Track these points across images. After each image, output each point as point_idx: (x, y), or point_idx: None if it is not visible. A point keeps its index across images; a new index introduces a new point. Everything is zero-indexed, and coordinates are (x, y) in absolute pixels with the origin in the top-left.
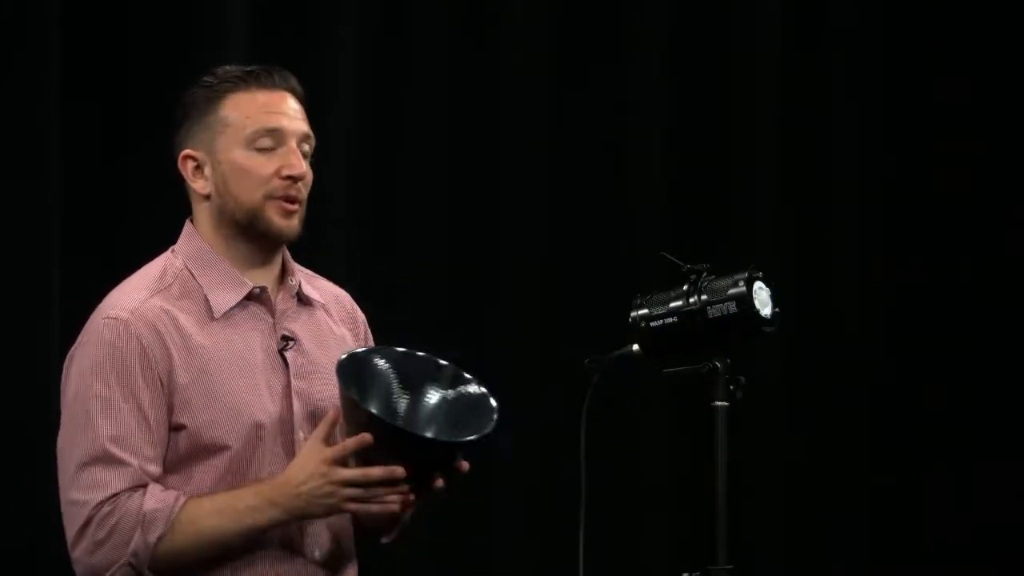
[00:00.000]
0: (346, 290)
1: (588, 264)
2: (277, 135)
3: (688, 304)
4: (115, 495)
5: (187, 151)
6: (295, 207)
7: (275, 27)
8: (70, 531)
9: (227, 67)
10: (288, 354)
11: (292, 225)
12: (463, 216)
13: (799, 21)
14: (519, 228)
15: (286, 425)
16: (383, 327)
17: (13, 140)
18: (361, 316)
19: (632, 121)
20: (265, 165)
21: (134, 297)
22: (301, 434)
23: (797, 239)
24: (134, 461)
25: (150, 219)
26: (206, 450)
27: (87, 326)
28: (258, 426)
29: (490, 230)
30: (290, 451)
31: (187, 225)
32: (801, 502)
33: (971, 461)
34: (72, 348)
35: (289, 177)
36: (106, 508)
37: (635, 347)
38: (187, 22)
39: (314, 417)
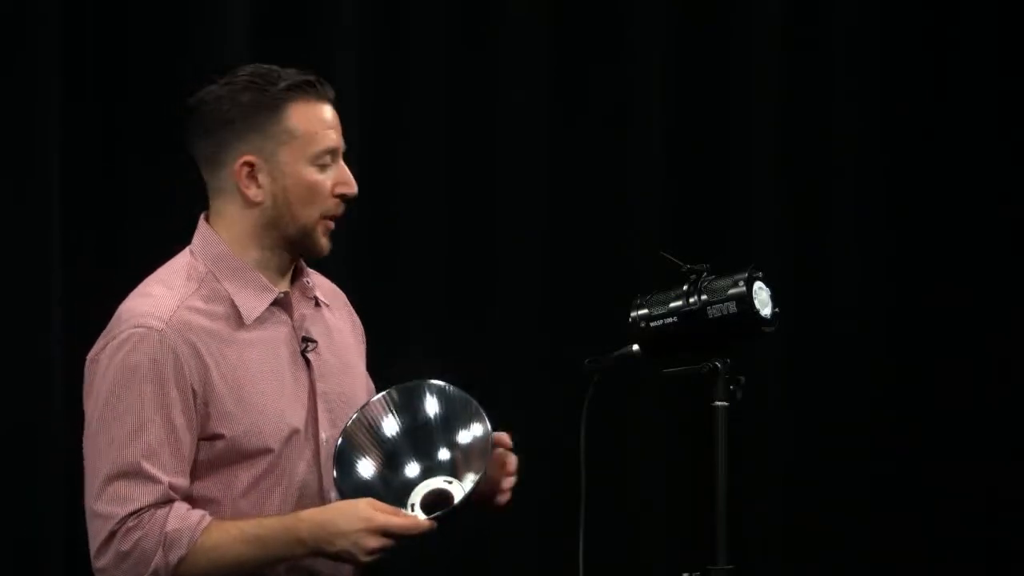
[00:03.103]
0: (343, 290)
1: (588, 264)
2: (335, 153)
3: (688, 304)
4: (140, 510)
5: (248, 157)
6: (333, 226)
7: (275, 27)
8: (94, 542)
9: (272, 67)
10: (310, 355)
11: (329, 245)
12: (462, 216)
13: (799, 21)
14: (518, 228)
15: (311, 425)
16: (383, 328)
17: (13, 140)
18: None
19: (632, 121)
20: (326, 183)
21: (165, 304)
22: (324, 435)
23: (797, 239)
24: (163, 477)
25: (150, 219)
26: (246, 455)
27: (115, 331)
28: (291, 432)
29: (489, 230)
30: (315, 451)
31: (203, 226)
32: (801, 502)
33: (972, 461)
34: (95, 350)
35: (343, 196)
36: (130, 523)
37: (635, 347)
38: (187, 22)
39: (332, 414)
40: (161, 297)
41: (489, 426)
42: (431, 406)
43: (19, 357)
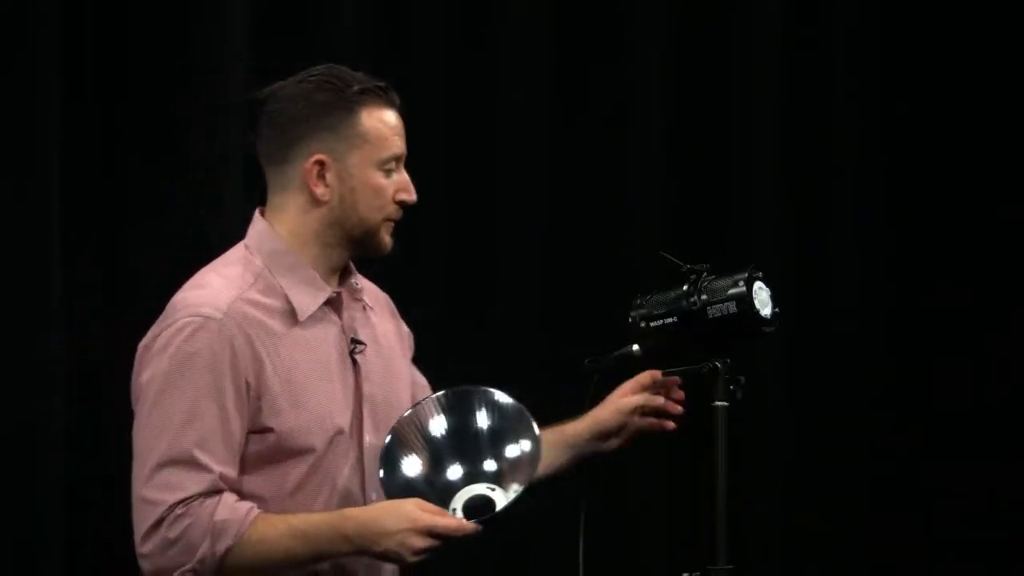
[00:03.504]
0: None
1: (588, 264)
2: (399, 160)
3: (688, 304)
4: (189, 498)
5: (320, 156)
6: (393, 225)
7: (275, 27)
8: (140, 527)
9: (345, 69)
10: (357, 357)
11: (391, 243)
12: (462, 216)
13: (799, 21)
14: (518, 228)
15: (356, 428)
16: None
17: (13, 140)
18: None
19: (632, 121)
20: (389, 189)
21: (222, 295)
22: (368, 439)
23: (797, 239)
24: (214, 467)
25: (150, 219)
26: (292, 453)
27: (170, 319)
28: (337, 432)
29: (489, 230)
30: (359, 455)
31: (260, 221)
32: (801, 502)
33: (972, 461)
34: (149, 338)
35: (403, 203)
36: (179, 510)
37: (635, 347)
38: (187, 22)
39: (376, 418)
40: (218, 288)
41: (539, 443)
42: (483, 413)
43: (19, 357)
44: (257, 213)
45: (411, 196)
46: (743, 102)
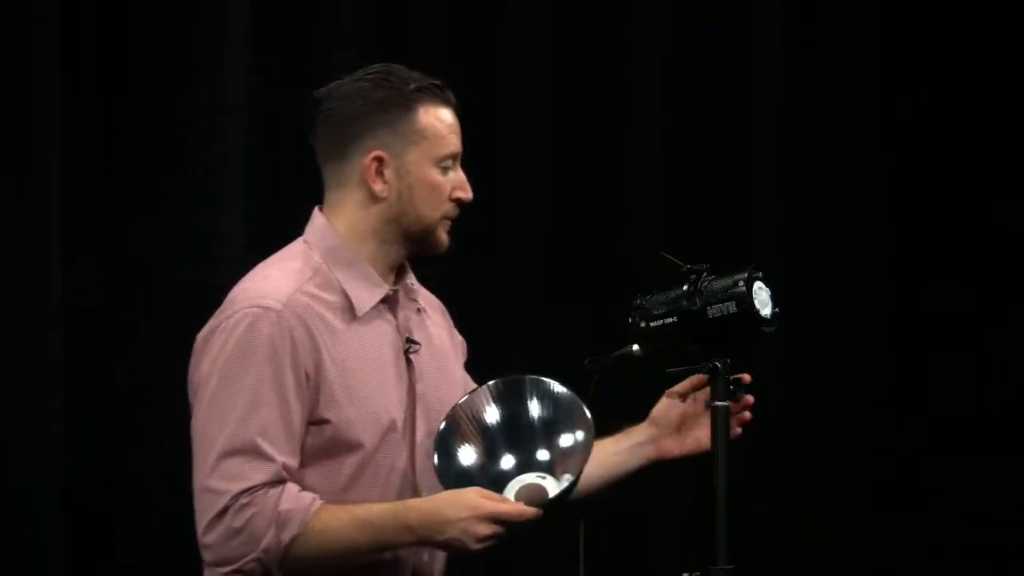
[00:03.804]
0: None
1: (588, 264)
2: (456, 157)
3: (688, 304)
4: (253, 488)
5: (379, 152)
6: (449, 224)
7: (275, 27)
8: (203, 517)
9: (400, 67)
10: (412, 356)
11: (448, 240)
12: (462, 216)
13: (799, 21)
14: (518, 228)
15: (409, 425)
16: None
17: (13, 140)
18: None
19: (632, 121)
20: (446, 186)
21: (282, 288)
22: (419, 437)
23: (797, 239)
24: (277, 457)
25: (150, 219)
26: (344, 446)
27: (229, 310)
28: (391, 428)
29: (489, 230)
30: (411, 452)
31: (319, 217)
32: (801, 502)
33: (972, 461)
34: (208, 329)
35: (459, 200)
36: (244, 499)
37: (635, 347)
38: (187, 22)
39: (428, 417)
40: (278, 280)
41: (592, 432)
42: (536, 402)
43: (19, 357)
44: (316, 209)
45: (468, 194)
46: (743, 102)
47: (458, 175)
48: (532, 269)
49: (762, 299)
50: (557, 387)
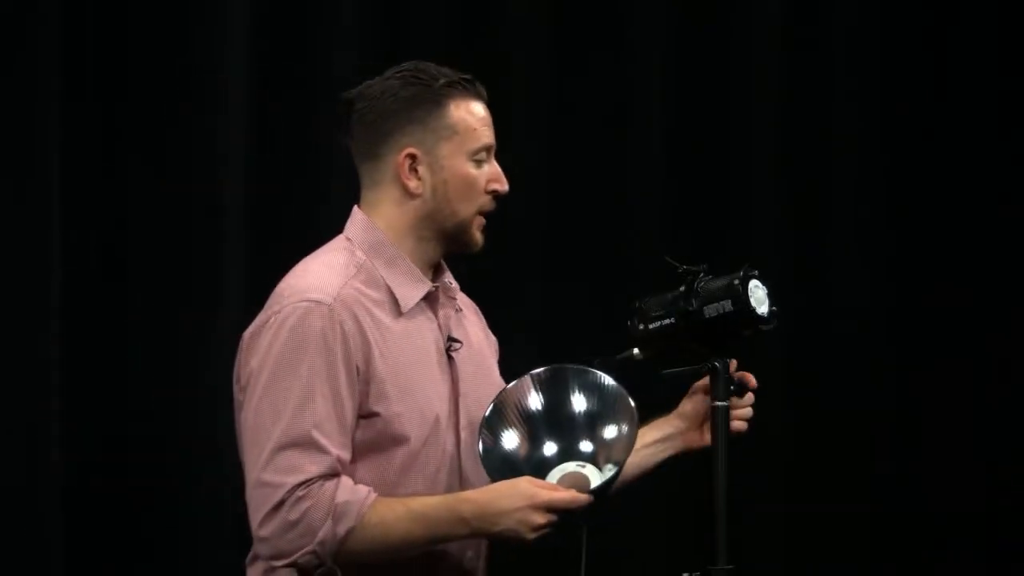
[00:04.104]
0: None
1: (588, 264)
2: (490, 150)
3: (685, 304)
4: (309, 480)
5: (411, 149)
6: (485, 222)
7: (275, 27)
8: (259, 511)
9: (430, 64)
10: (453, 354)
11: (482, 240)
12: None
13: (799, 21)
14: (518, 228)
15: (453, 420)
16: None
17: (13, 140)
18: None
19: (632, 121)
20: (481, 179)
21: (331, 282)
22: (463, 433)
23: (797, 239)
24: (332, 449)
25: (150, 219)
26: (392, 440)
27: (278, 305)
28: (436, 422)
29: (489, 230)
30: (456, 448)
31: (359, 214)
32: (801, 502)
33: (972, 461)
34: (257, 324)
35: (495, 193)
36: (300, 492)
37: (635, 351)
38: (187, 22)
39: (469, 415)
40: (325, 275)
41: (636, 425)
42: (582, 392)
43: (19, 357)
44: (356, 207)
45: (503, 186)
46: (743, 102)
47: (493, 167)
48: (532, 269)
49: (758, 297)
50: (604, 379)
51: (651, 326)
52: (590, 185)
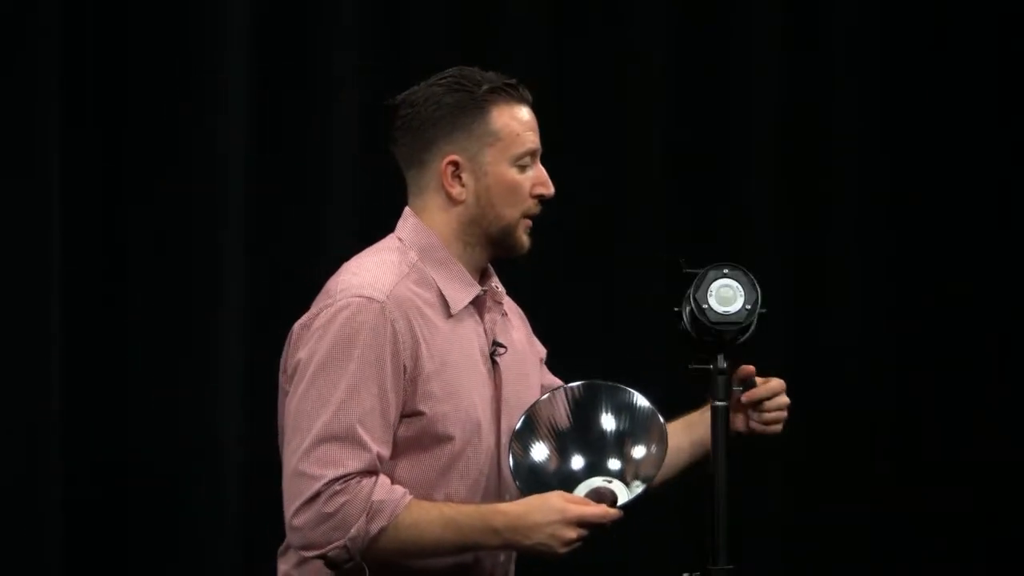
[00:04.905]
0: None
1: (588, 264)
2: (534, 155)
3: (682, 307)
4: (348, 475)
5: (454, 156)
6: (531, 225)
7: (275, 27)
8: (295, 500)
9: (475, 69)
10: (497, 359)
11: (529, 242)
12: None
13: (799, 21)
14: None
15: (492, 426)
16: None
17: (13, 141)
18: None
19: (632, 121)
20: (525, 184)
21: (384, 280)
22: (504, 438)
23: (797, 239)
24: (373, 446)
25: (150, 220)
26: (435, 440)
27: (330, 300)
28: (478, 425)
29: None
30: (492, 453)
31: (411, 216)
32: (801, 502)
33: (972, 461)
34: (308, 316)
35: (541, 196)
36: (337, 486)
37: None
38: (187, 23)
39: (510, 419)
40: (379, 273)
41: (666, 446)
42: (613, 410)
43: (19, 357)
44: (408, 209)
45: (548, 189)
46: (743, 102)
47: (538, 171)
48: (532, 269)
49: (724, 296)
50: (636, 398)
51: (680, 329)
52: (590, 185)
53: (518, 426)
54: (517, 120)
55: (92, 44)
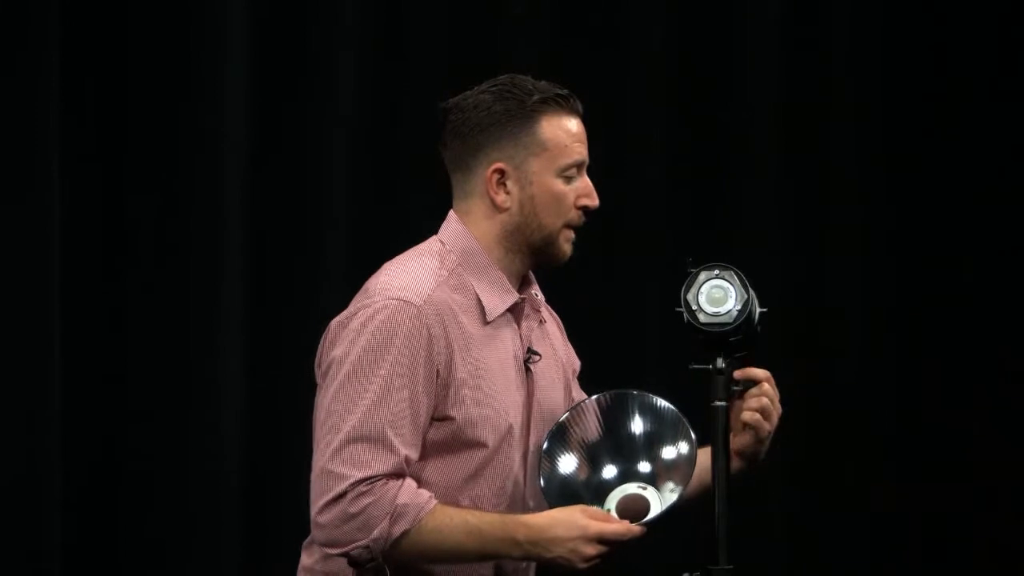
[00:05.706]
0: (343, 294)
1: (588, 264)
2: (581, 166)
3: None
4: (374, 477)
5: (501, 164)
6: (573, 236)
7: (275, 27)
8: (320, 498)
9: (527, 78)
10: (532, 366)
11: (570, 252)
12: None
13: (799, 21)
14: None
15: (523, 432)
16: None
17: (13, 142)
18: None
19: (632, 121)
20: (570, 195)
21: (423, 284)
22: (534, 446)
23: (797, 239)
24: (401, 449)
25: (150, 221)
26: (464, 445)
27: (368, 300)
28: (509, 431)
29: None
30: (523, 458)
31: (455, 220)
32: (801, 502)
33: (972, 462)
34: (345, 315)
35: (585, 208)
36: (363, 487)
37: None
38: (187, 23)
39: (540, 426)
40: (418, 276)
41: (695, 446)
42: (640, 416)
43: (19, 356)
44: (452, 212)
45: (593, 201)
46: (743, 102)
47: (583, 182)
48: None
49: (715, 297)
50: (662, 402)
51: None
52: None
53: (545, 446)
54: (565, 131)
55: (92, 44)
